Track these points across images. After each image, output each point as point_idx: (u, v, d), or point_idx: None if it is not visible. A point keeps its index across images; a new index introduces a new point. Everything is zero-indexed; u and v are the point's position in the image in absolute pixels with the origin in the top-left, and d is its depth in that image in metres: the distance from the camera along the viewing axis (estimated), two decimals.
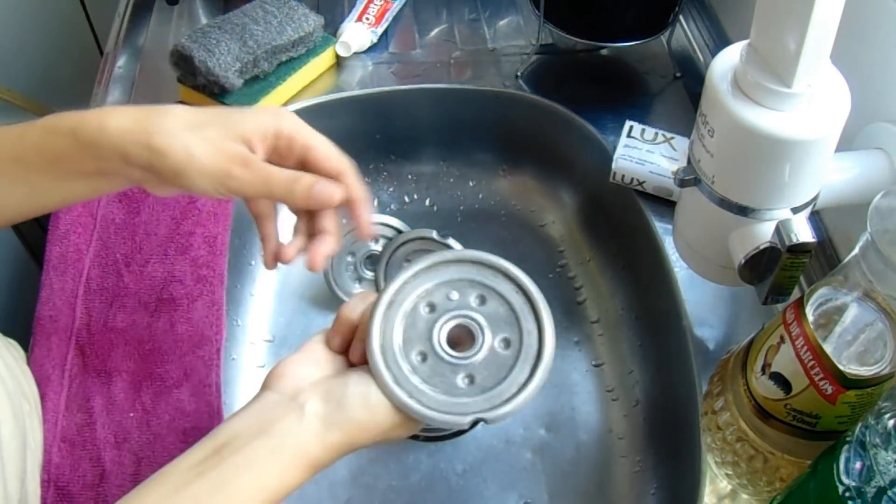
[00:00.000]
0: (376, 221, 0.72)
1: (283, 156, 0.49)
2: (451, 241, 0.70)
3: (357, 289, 0.74)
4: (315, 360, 0.47)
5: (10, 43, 1.19)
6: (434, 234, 0.70)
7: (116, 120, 0.46)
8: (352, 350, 0.48)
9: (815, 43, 0.45)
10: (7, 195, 0.50)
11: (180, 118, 0.47)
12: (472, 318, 0.46)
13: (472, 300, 0.46)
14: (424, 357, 0.45)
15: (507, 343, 0.45)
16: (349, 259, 0.74)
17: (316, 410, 0.43)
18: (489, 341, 0.45)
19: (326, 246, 0.51)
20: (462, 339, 0.46)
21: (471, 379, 0.44)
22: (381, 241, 0.73)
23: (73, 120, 0.47)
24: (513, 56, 0.85)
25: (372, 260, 0.74)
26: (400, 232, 0.72)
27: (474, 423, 0.43)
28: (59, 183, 0.49)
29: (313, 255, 0.50)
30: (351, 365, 0.47)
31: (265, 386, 0.46)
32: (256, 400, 0.45)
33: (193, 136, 0.46)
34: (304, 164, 0.49)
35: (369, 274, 0.74)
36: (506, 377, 0.44)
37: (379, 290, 0.47)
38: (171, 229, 0.68)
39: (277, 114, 0.49)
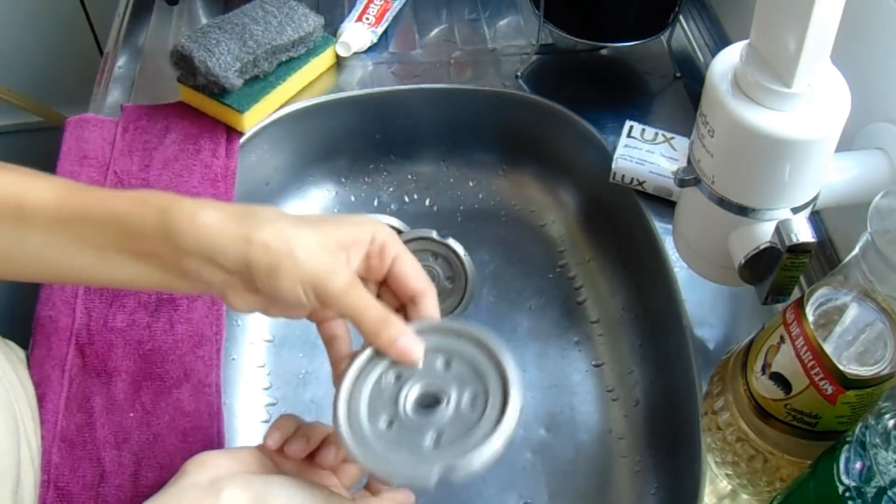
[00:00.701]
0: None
1: (373, 267, 0.47)
2: (451, 242, 0.70)
3: None
4: (240, 458, 0.47)
5: (10, 43, 1.19)
6: (434, 235, 0.70)
7: (210, 214, 0.43)
8: (289, 444, 0.48)
9: (815, 43, 0.45)
10: (72, 259, 0.46)
11: (277, 217, 0.44)
12: (437, 382, 0.45)
13: (438, 365, 0.46)
14: (391, 423, 0.44)
15: (473, 400, 0.44)
16: None
17: (235, 497, 0.43)
18: (454, 400, 0.45)
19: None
20: (429, 400, 0.46)
21: (438, 438, 0.44)
22: None
23: (166, 200, 0.44)
24: (513, 56, 0.85)
25: None
26: (400, 232, 0.72)
27: (440, 475, 0.42)
28: (130, 261, 0.45)
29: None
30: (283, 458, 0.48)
31: (182, 472, 0.45)
32: (171, 485, 0.44)
33: (294, 238, 0.43)
34: (388, 277, 0.47)
35: None
36: (471, 431, 0.43)
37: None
38: None
39: (371, 223, 0.47)
